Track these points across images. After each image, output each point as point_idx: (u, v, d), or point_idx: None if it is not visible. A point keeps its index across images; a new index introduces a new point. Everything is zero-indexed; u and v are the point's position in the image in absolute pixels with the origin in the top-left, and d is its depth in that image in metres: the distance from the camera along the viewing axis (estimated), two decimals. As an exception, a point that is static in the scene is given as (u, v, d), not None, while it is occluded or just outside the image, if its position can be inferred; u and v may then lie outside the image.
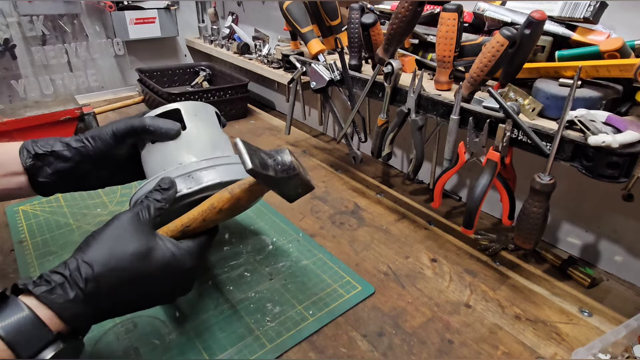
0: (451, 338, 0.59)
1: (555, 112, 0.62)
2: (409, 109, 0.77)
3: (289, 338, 0.58)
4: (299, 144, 1.21)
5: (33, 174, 0.56)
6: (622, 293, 0.69)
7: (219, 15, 1.68)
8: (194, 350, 0.56)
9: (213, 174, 0.56)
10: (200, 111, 0.63)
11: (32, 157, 0.55)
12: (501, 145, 0.63)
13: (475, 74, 0.66)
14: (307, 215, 0.87)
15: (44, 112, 1.12)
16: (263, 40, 1.40)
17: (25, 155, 0.55)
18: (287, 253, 0.75)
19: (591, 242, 0.75)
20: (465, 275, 0.71)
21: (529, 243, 0.65)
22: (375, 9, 0.93)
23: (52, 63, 1.42)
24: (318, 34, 0.98)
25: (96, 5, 1.46)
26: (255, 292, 0.66)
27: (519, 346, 0.58)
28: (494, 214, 0.89)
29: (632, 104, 0.61)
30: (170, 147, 0.58)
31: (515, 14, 0.70)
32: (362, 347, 0.57)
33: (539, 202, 0.61)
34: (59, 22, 1.41)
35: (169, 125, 0.58)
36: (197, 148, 0.59)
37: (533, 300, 0.66)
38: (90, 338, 0.57)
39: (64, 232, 0.78)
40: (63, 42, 1.43)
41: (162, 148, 0.58)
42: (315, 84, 0.91)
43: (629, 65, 0.55)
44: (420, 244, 0.79)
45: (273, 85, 1.52)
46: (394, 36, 0.74)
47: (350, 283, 0.68)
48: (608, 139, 0.51)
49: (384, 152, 0.85)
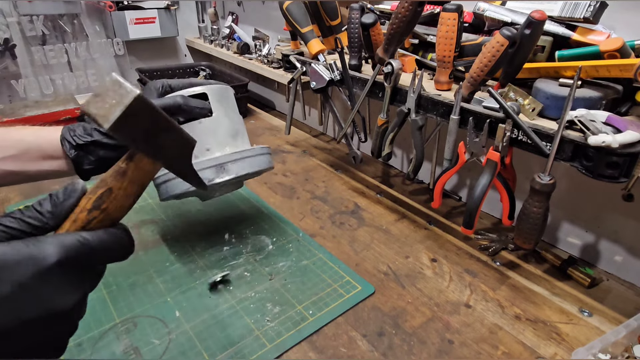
0: (451, 338, 0.59)
1: (555, 112, 0.62)
2: (409, 109, 0.77)
3: (289, 338, 0.58)
4: (299, 144, 1.21)
5: (78, 162, 0.57)
6: (622, 293, 0.69)
7: (219, 15, 1.68)
8: (194, 350, 0.56)
9: (241, 165, 0.63)
10: (224, 95, 0.66)
11: (75, 147, 0.56)
12: (501, 145, 0.63)
13: (475, 74, 0.66)
14: (307, 215, 0.87)
15: (44, 112, 1.12)
16: (263, 40, 1.40)
17: (67, 146, 0.56)
18: (287, 253, 0.75)
19: (591, 242, 0.75)
20: (465, 275, 0.71)
21: (529, 243, 0.65)
22: (375, 9, 0.93)
23: (52, 63, 1.42)
24: (318, 34, 0.98)
25: (96, 5, 1.46)
26: (255, 292, 0.66)
27: (519, 346, 0.58)
28: (494, 214, 0.89)
29: (632, 104, 0.61)
30: (197, 129, 0.61)
31: (515, 14, 0.70)
32: (362, 347, 0.57)
33: (539, 202, 0.61)
34: (59, 22, 1.41)
35: (201, 106, 0.60)
36: (222, 134, 0.64)
37: (533, 300, 0.66)
38: (90, 338, 0.57)
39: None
40: (63, 42, 1.43)
41: (190, 129, 0.56)
42: (315, 84, 0.91)
43: (629, 65, 0.55)
44: (420, 244, 0.79)
45: (273, 85, 1.52)
46: (394, 36, 0.74)
47: (350, 283, 0.68)
48: (608, 139, 0.51)
49: (384, 152, 0.85)
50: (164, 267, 0.70)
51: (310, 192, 0.96)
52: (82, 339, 0.57)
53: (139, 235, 0.77)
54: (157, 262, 0.71)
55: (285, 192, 0.95)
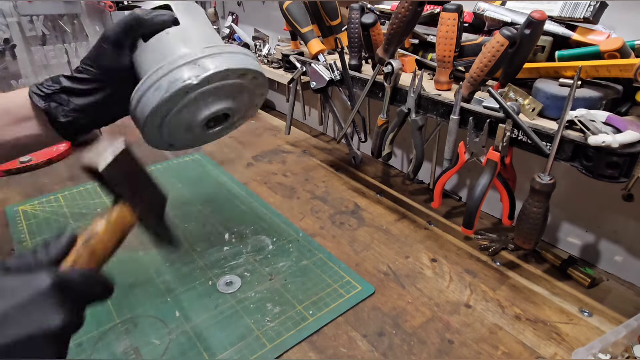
0: (451, 338, 0.59)
1: (555, 112, 0.62)
2: (409, 109, 0.77)
3: (289, 338, 0.58)
4: (299, 144, 1.21)
5: (52, 115, 0.53)
6: (622, 293, 0.69)
7: (219, 15, 1.68)
8: (194, 350, 0.56)
9: (219, 60, 0.52)
10: (191, 7, 0.60)
11: (44, 97, 0.53)
12: (501, 145, 0.63)
13: (475, 74, 0.66)
14: (307, 215, 0.87)
15: (44, 112, 1.12)
16: (263, 40, 1.40)
17: (36, 98, 0.53)
18: (287, 253, 0.75)
19: (591, 242, 0.75)
20: (465, 275, 0.71)
21: (529, 243, 0.65)
22: (375, 9, 0.93)
23: (52, 63, 1.42)
24: (318, 34, 0.98)
25: (96, 5, 1.46)
26: (255, 292, 0.66)
27: (519, 346, 0.58)
28: (494, 214, 0.89)
29: (632, 104, 0.61)
30: (167, 39, 0.55)
31: (515, 14, 0.70)
32: (362, 347, 0.57)
33: (539, 202, 0.61)
34: (59, 22, 1.41)
35: (163, 14, 0.55)
36: (194, 40, 0.55)
37: (533, 300, 0.66)
38: (90, 338, 0.57)
39: (64, 232, 0.78)
40: (63, 42, 1.43)
41: (158, 43, 0.54)
42: (315, 84, 0.91)
43: (629, 65, 0.55)
44: (420, 244, 0.79)
45: (273, 85, 1.51)
46: (394, 36, 0.74)
47: (350, 283, 0.68)
48: (608, 139, 0.51)
49: (384, 152, 0.85)
50: (164, 267, 0.70)
51: (310, 192, 0.96)
52: (82, 339, 0.57)
53: (139, 236, 0.77)
54: (157, 262, 0.71)
55: (285, 192, 0.95)
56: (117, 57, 0.54)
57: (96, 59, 0.54)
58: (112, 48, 0.54)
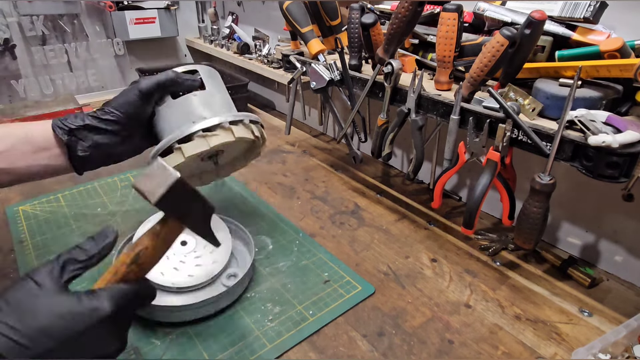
0: (451, 338, 0.59)
1: (555, 112, 0.62)
2: (409, 109, 0.77)
3: (289, 338, 0.58)
4: (299, 144, 1.21)
5: (71, 148, 0.57)
6: (622, 293, 0.69)
7: (219, 15, 1.68)
8: (194, 350, 0.56)
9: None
10: (213, 74, 0.68)
11: (67, 132, 0.57)
12: (501, 145, 0.63)
13: (475, 74, 0.66)
14: (307, 215, 0.87)
15: (44, 112, 1.12)
16: (263, 40, 1.39)
17: (60, 131, 0.57)
18: (287, 253, 0.75)
19: (591, 242, 0.75)
20: (465, 275, 0.71)
21: (529, 243, 0.65)
22: (375, 9, 0.93)
23: (52, 63, 1.42)
24: (318, 34, 0.98)
25: (96, 5, 1.46)
26: (255, 292, 0.66)
27: (519, 346, 0.58)
28: (494, 214, 0.89)
29: (632, 104, 0.61)
30: (194, 102, 0.62)
31: (515, 14, 0.70)
32: (362, 347, 0.57)
33: (539, 202, 0.61)
34: (59, 22, 1.41)
35: (192, 79, 0.63)
36: (217, 106, 0.64)
37: (533, 300, 0.66)
38: (90, 338, 0.57)
39: (64, 232, 0.78)
40: (63, 42, 1.43)
41: (185, 102, 0.62)
42: (315, 84, 0.91)
43: (629, 65, 0.55)
44: (420, 244, 0.79)
45: (273, 85, 1.51)
46: (394, 36, 0.74)
47: (350, 283, 0.68)
48: (608, 139, 0.51)
49: (384, 152, 0.85)
50: (164, 267, 0.70)
51: (310, 192, 0.96)
52: (82, 339, 0.57)
53: (139, 235, 0.77)
54: (157, 262, 0.71)
55: (285, 192, 0.95)
56: (144, 106, 0.60)
57: (123, 105, 0.59)
58: (141, 99, 0.59)
